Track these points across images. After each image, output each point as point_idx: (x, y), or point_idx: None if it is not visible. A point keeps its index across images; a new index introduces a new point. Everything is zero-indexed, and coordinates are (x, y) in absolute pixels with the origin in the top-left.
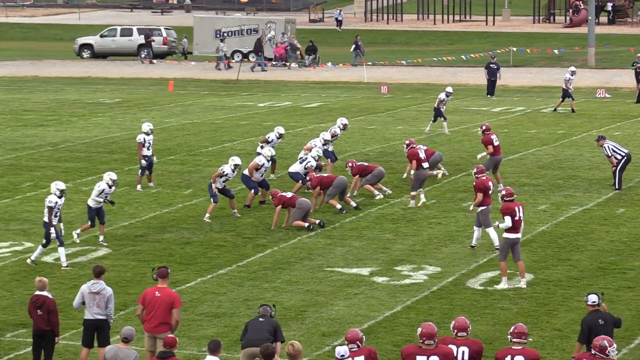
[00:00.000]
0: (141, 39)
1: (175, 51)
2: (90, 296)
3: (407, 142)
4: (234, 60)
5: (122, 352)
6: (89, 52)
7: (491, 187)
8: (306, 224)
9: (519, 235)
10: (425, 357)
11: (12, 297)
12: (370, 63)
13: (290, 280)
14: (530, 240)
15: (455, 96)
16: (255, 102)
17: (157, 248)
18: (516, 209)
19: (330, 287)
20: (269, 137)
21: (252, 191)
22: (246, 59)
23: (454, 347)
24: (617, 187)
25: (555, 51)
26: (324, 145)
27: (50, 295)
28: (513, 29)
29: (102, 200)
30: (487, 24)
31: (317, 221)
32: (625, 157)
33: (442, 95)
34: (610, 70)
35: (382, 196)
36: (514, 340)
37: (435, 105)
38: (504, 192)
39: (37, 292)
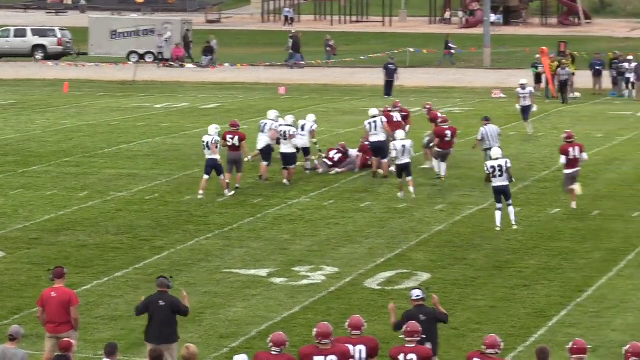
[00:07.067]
0: (35, 40)
1: (71, 52)
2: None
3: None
4: (129, 62)
5: (10, 352)
6: None
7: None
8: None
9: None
10: (322, 357)
11: None
12: (268, 64)
13: (188, 282)
14: (427, 240)
15: (353, 97)
16: (152, 103)
17: (53, 251)
18: (570, 149)
19: (228, 288)
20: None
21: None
22: (142, 60)
23: (350, 347)
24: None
25: (452, 51)
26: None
27: None
28: (410, 30)
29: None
30: (384, 25)
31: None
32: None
33: (519, 89)
34: (506, 71)
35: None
36: (407, 339)
37: (518, 105)
38: (564, 135)
39: None
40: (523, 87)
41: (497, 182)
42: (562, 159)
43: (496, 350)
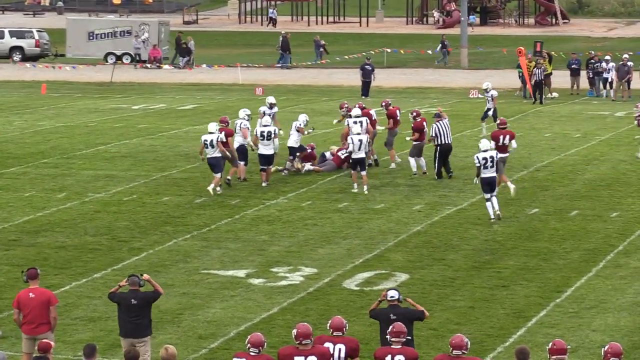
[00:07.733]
0: (13, 41)
1: (49, 53)
2: None
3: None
4: (107, 63)
5: None
6: None
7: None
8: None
9: (504, 155)
10: (302, 358)
11: None
12: (245, 65)
13: (166, 283)
14: (406, 241)
15: (330, 97)
16: (129, 105)
17: (31, 252)
18: (501, 136)
19: (207, 289)
20: (262, 110)
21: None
22: (120, 61)
23: (330, 345)
24: (436, 176)
25: (429, 52)
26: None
27: None
28: (387, 30)
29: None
30: (360, 25)
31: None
32: (444, 145)
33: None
34: (483, 71)
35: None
36: (393, 339)
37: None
38: (498, 122)
39: None
40: (486, 90)
41: (487, 173)
42: (492, 144)
43: (462, 350)
